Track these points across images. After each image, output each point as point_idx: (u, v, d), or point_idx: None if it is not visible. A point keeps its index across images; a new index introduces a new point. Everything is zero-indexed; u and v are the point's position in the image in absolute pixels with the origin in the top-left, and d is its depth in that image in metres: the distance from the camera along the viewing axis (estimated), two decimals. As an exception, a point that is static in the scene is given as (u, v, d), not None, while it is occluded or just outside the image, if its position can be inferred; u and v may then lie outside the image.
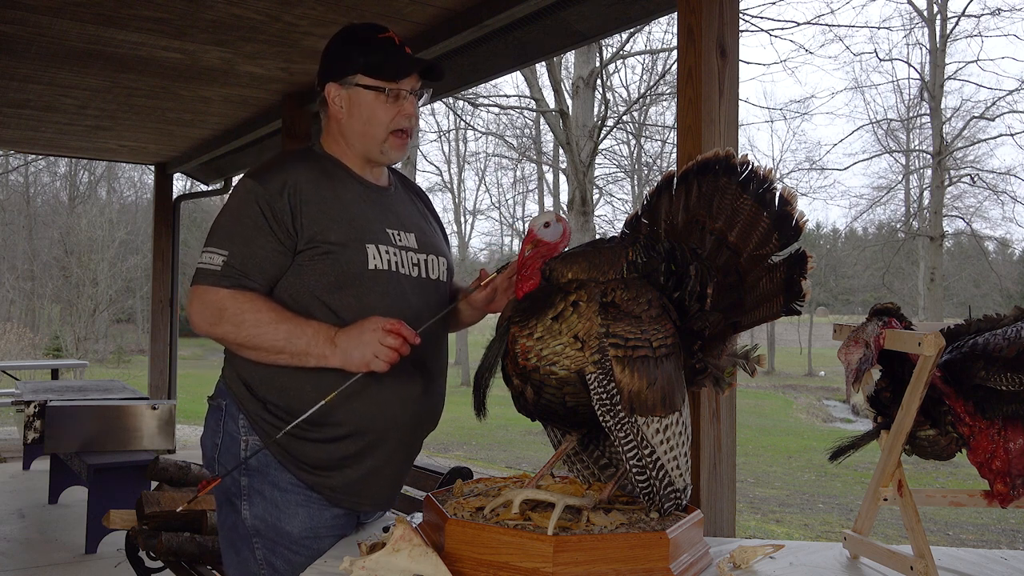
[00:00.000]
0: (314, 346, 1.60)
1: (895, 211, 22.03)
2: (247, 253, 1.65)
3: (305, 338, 1.61)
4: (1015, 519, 7.19)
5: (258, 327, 1.61)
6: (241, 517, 1.71)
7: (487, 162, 25.58)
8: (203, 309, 1.64)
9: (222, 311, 1.63)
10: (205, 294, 1.64)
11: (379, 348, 1.56)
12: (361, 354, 1.57)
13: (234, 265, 1.64)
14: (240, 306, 1.62)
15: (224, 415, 1.75)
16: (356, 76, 1.75)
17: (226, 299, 1.63)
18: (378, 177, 1.85)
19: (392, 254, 1.73)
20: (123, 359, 22.69)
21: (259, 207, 1.66)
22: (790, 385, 21.85)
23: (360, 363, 1.57)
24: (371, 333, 1.57)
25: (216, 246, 1.66)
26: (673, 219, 1.61)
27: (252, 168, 1.76)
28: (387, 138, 1.77)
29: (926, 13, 16.96)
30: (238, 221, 1.67)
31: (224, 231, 1.68)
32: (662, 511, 1.44)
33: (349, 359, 1.58)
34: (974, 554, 1.63)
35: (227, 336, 1.64)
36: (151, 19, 3.64)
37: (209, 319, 1.64)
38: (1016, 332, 1.41)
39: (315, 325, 1.63)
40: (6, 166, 22.48)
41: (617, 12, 3.27)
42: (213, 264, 1.64)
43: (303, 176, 1.71)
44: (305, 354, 1.61)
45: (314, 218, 1.68)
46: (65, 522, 5.15)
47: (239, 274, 1.64)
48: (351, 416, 1.69)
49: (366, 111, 1.75)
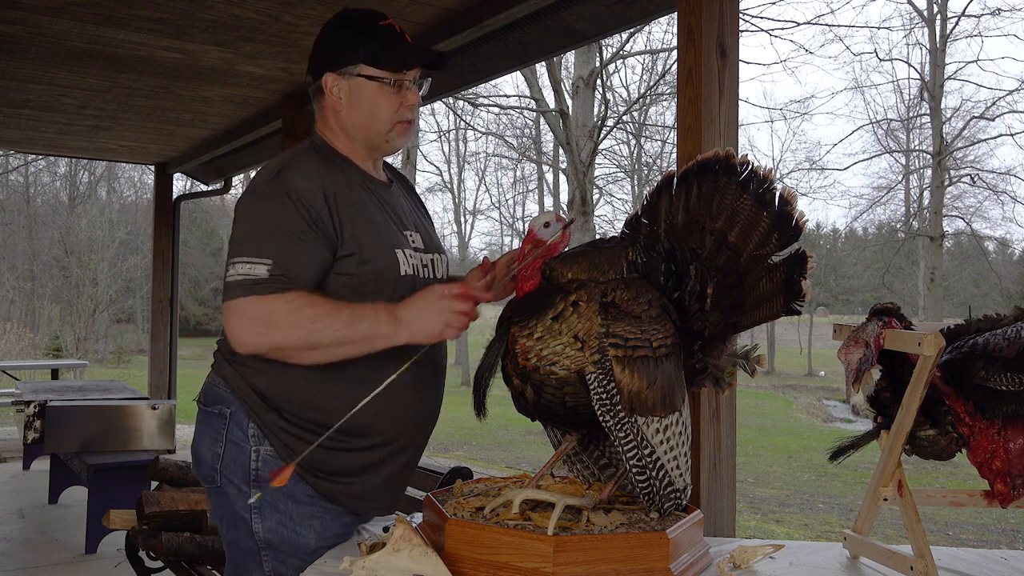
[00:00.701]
0: (378, 327, 1.50)
1: (895, 211, 22.05)
2: (291, 260, 1.52)
3: (367, 321, 1.50)
4: (1015, 519, 7.18)
5: (315, 322, 1.49)
6: (251, 531, 1.64)
7: (487, 162, 25.60)
8: (249, 322, 1.50)
9: (272, 316, 1.49)
10: (249, 306, 1.49)
11: (451, 316, 1.48)
12: (431, 324, 1.48)
13: (280, 273, 1.51)
14: (290, 306, 1.49)
15: (228, 423, 1.65)
16: (358, 66, 1.65)
17: (274, 303, 1.49)
18: (378, 171, 1.78)
19: (412, 257, 1.67)
20: (123, 359, 22.69)
21: (297, 209, 1.54)
22: (790, 385, 21.85)
23: (431, 334, 1.49)
24: (440, 301, 1.48)
25: (253, 255, 1.51)
26: (673, 219, 1.61)
27: (269, 168, 1.62)
28: (392, 128, 1.69)
29: (926, 13, 16.97)
30: (275, 225, 1.54)
31: (259, 238, 1.53)
32: (662, 511, 1.44)
33: (418, 332, 1.49)
34: (974, 554, 1.63)
35: (283, 343, 1.50)
36: (151, 19, 3.64)
37: (258, 331, 1.49)
38: (1016, 332, 1.41)
39: (372, 306, 1.52)
40: (6, 166, 22.48)
41: (617, 12, 3.27)
42: (255, 274, 1.50)
43: (328, 176, 1.61)
44: (371, 338, 1.51)
45: (348, 221, 1.59)
46: (65, 522, 5.15)
47: (286, 281, 1.51)
48: (383, 424, 1.64)
49: (368, 102, 1.66)
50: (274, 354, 1.53)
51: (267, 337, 1.50)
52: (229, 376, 1.67)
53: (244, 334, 1.51)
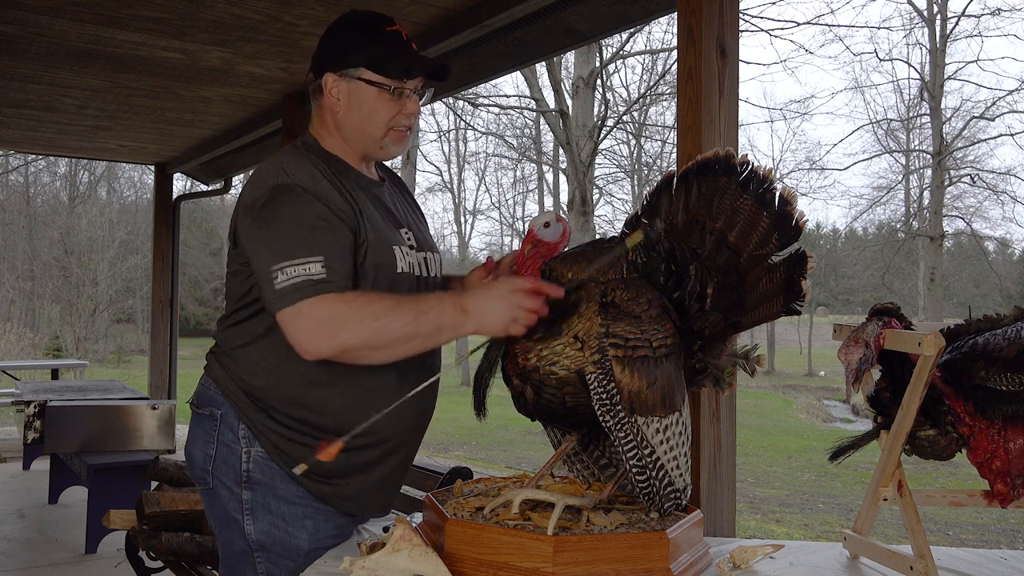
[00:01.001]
0: (445, 318, 1.47)
1: (895, 211, 22.06)
2: (338, 254, 1.51)
3: (432, 312, 1.48)
4: (1015, 519, 7.19)
5: (379, 319, 1.45)
6: (243, 532, 1.64)
7: (487, 162, 25.59)
8: (317, 326, 1.46)
9: (338, 317, 1.45)
10: (313, 308, 1.46)
11: (519, 312, 1.43)
12: (500, 317, 1.44)
13: (334, 267, 1.49)
14: (351, 304, 1.46)
15: (219, 424, 1.65)
16: (359, 70, 1.63)
17: (336, 303, 1.46)
18: (371, 172, 1.77)
19: (408, 255, 1.67)
20: (123, 359, 22.70)
21: (318, 201, 1.53)
22: (790, 385, 21.85)
23: (498, 327, 1.45)
24: (510, 296, 1.44)
25: (303, 256, 1.48)
26: (673, 219, 1.61)
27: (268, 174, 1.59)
28: (386, 134, 1.68)
29: (926, 13, 16.97)
30: (310, 224, 1.51)
31: (300, 239, 1.50)
32: (662, 511, 1.44)
33: (485, 324, 1.46)
34: (974, 554, 1.63)
35: (350, 343, 1.47)
36: (151, 19, 3.64)
37: (327, 333, 1.46)
38: (1016, 332, 1.41)
39: (435, 297, 1.51)
40: (6, 166, 22.48)
41: (617, 12, 3.27)
42: (313, 274, 1.47)
43: (330, 175, 1.61)
44: (438, 330, 1.48)
45: (358, 211, 1.59)
46: (65, 522, 5.15)
47: (341, 275, 1.50)
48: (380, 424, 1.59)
49: (366, 107, 1.64)
50: (342, 357, 1.50)
51: (335, 339, 1.47)
52: (220, 378, 1.67)
53: (311, 339, 1.47)
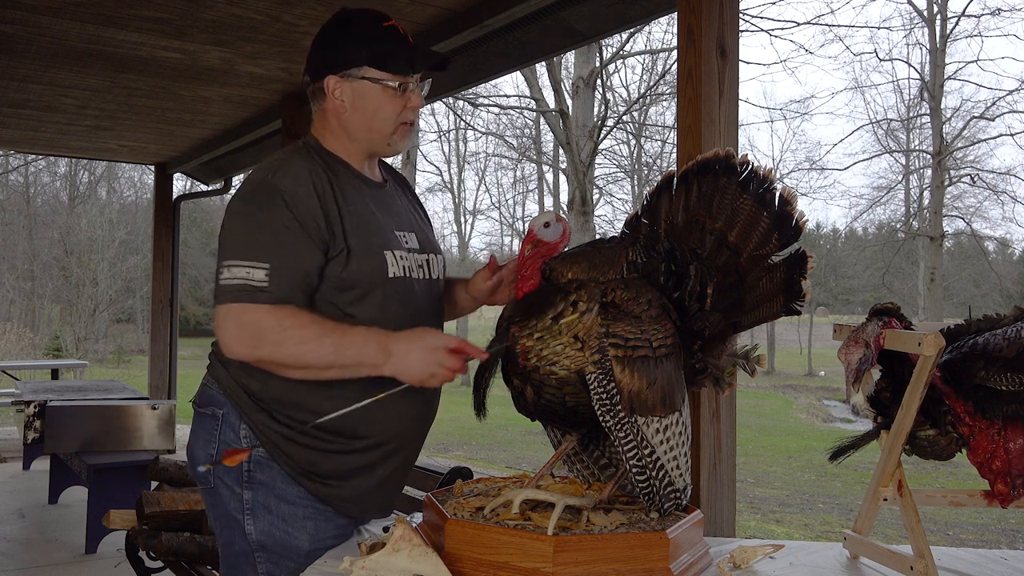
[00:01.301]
0: (366, 356, 1.49)
1: (895, 211, 22.05)
2: (289, 264, 1.51)
3: (355, 349, 1.49)
4: (1015, 519, 7.19)
5: (303, 344, 1.47)
6: (243, 532, 1.64)
7: (487, 162, 25.59)
8: (241, 331, 1.48)
9: (263, 330, 1.48)
10: (243, 314, 1.48)
11: (438, 369, 1.48)
12: (419, 370, 1.48)
13: (279, 279, 1.50)
14: (280, 323, 1.48)
15: (220, 424, 1.65)
16: (362, 69, 1.62)
17: (265, 317, 1.48)
18: (373, 173, 1.76)
19: (404, 258, 1.66)
20: (123, 359, 22.69)
21: (290, 212, 1.52)
22: (790, 385, 21.84)
23: (415, 378, 1.49)
24: (433, 352, 1.47)
25: (251, 259, 1.50)
26: (673, 219, 1.61)
27: (261, 169, 1.60)
28: (396, 130, 1.67)
29: (926, 13, 16.97)
30: (271, 229, 1.52)
31: (255, 241, 1.52)
32: (662, 511, 1.44)
33: (403, 372, 1.49)
34: (974, 554, 1.63)
35: (269, 357, 1.50)
36: (151, 19, 3.64)
37: (248, 342, 1.49)
38: (1016, 332, 1.41)
39: (363, 333, 1.51)
40: (6, 166, 22.48)
41: (617, 12, 3.27)
42: (253, 280, 1.48)
43: (320, 177, 1.60)
44: (357, 365, 1.50)
45: (339, 222, 1.58)
46: (65, 522, 5.15)
47: (283, 288, 1.50)
48: (373, 427, 1.64)
49: (372, 105, 1.63)
50: (259, 365, 1.54)
51: (255, 349, 1.50)
52: (222, 378, 1.67)
53: (233, 341, 1.50)
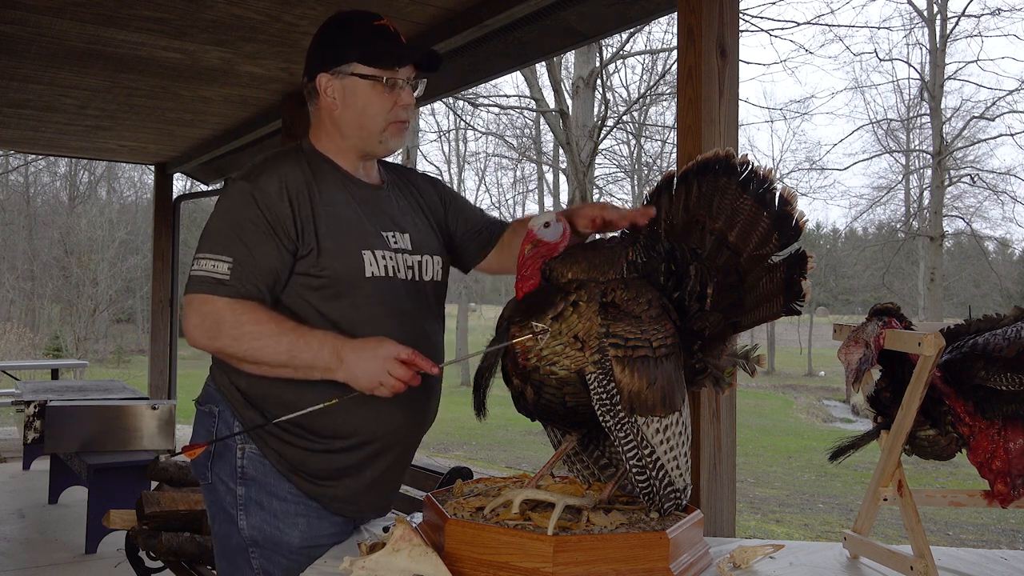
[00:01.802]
0: (319, 359, 1.52)
1: (895, 211, 22.05)
2: (252, 261, 1.56)
3: (310, 351, 1.52)
4: (1015, 519, 7.19)
5: (259, 340, 1.52)
6: (238, 527, 1.67)
7: (487, 162, 25.57)
8: (201, 321, 1.54)
9: (220, 323, 1.53)
10: (203, 304, 1.54)
11: (387, 378, 1.49)
12: (368, 380, 1.50)
13: (240, 274, 1.55)
14: (239, 318, 1.53)
15: (217, 421, 1.69)
16: (352, 65, 1.66)
17: (224, 310, 1.53)
18: (370, 174, 1.78)
19: (388, 258, 1.67)
20: (123, 359, 22.69)
21: (260, 210, 1.58)
22: (790, 385, 21.84)
23: (364, 386, 1.51)
24: (382, 361, 1.48)
25: (217, 252, 1.56)
26: (673, 219, 1.61)
27: (241, 171, 1.66)
28: (386, 127, 1.70)
29: (926, 13, 16.97)
30: (239, 226, 1.58)
31: (223, 236, 1.58)
32: (662, 511, 1.44)
33: (354, 379, 1.51)
34: (974, 554, 1.63)
35: (225, 350, 1.56)
36: (151, 19, 3.64)
37: (207, 332, 1.54)
38: (1016, 332, 1.41)
39: (320, 336, 1.54)
40: (6, 166, 22.49)
41: (617, 12, 3.27)
42: (216, 272, 1.54)
43: (297, 178, 1.63)
44: (310, 367, 1.53)
45: (311, 223, 1.61)
46: (65, 522, 5.15)
47: (245, 283, 1.55)
48: (354, 427, 1.65)
49: (362, 101, 1.67)
50: (218, 356, 1.59)
51: (212, 341, 1.55)
52: (217, 376, 1.72)
53: (194, 330, 1.56)
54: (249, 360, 1.56)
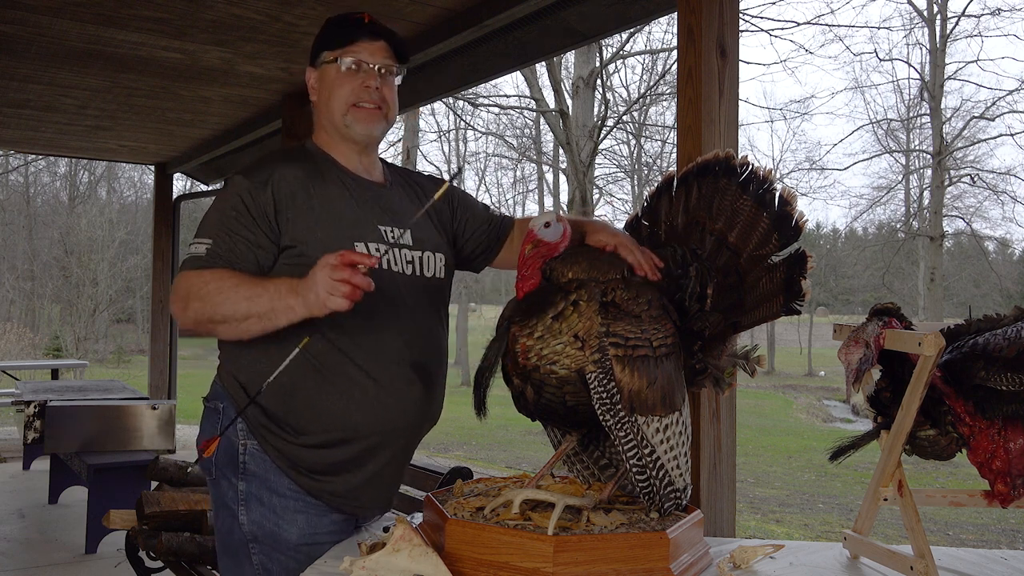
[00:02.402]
0: (278, 300, 1.50)
1: (895, 211, 22.05)
2: (229, 243, 1.62)
3: (267, 295, 1.51)
4: (1015, 519, 7.19)
5: (220, 294, 1.54)
6: (238, 523, 1.69)
7: (487, 162, 25.56)
8: (176, 296, 1.60)
9: (189, 290, 1.57)
10: (179, 281, 1.60)
11: (331, 284, 1.42)
12: (316, 295, 1.44)
13: (216, 252, 1.61)
14: (204, 279, 1.56)
15: (221, 418, 1.72)
16: (322, 54, 1.77)
17: (194, 278, 1.58)
18: (371, 171, 1.81)
19: (383, 251, 1.68)
20: (123, 359, 22.68)
21: (241, 199, 1.64)
22: (790, 385, 21.84)
23: (318, 305, 1.45)
24: (320, 271, 1.44)
25: (200, 236, 1.64)
26: (673, 220, 1.61)
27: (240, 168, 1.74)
28: (347, 111, 1.74)
29: (926, 13, 16.97)
30: (221, 213, 1.65)
31: (207, 224, 1.65)
32: (662, 511, 1.44)
33: (310, 305, 1.46)
34: (974, 554, 1.63)
35: (197, 315, 1.56)
36: (151, 19, 3.64)
37: (181, 303, 1.58)
38: (1016, 332, 1.41)
39: (275, 280, 1.54)
40: (6, 166, 22.49)
41: (617, 12, 3.27)
42: (195, 252, 1.62)
43: (290, 173, 1.68)
44: (272, 312, 1.51)
45: (300, 216, 1.64)
46: (65, 522, 5.15)
47: (218, 260, 1.60)
48: (354, 421, 1.66)
49: (327, 86, 1.76)
50: (197, 328, 1.61)
51: (187, 311, 1.58)
52: (223, 372, 1.75)
53: (172, 307, 1.62)
54: (217, 320, 1.56)
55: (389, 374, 1.67)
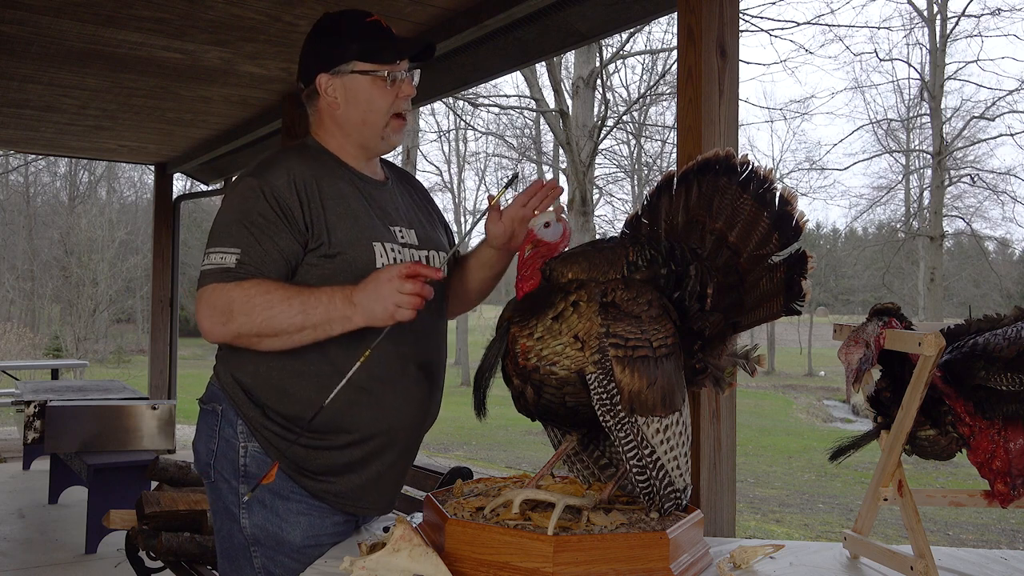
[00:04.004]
0: (334, 311, 1.51)
1: (895, 211, 22.07)
2: (261, 251, 1.57)
3: (322, 306, 1.51)
4: (1015, 519, 7.19)
5: (270, 308, 1.51)
6: (240, 526, 1.67)
7: (487, 162, 25.58)
8: (212, 311, 1.54)
9: (231, 304, 1.52)
10: (212, 294, 1.54)
11: (399, 297, 1.46)
12: (383, 307, 1.47)
13: (248, 262, 1.55)
14: (247, 292, 1.52)
15: (220, 420, 1.69)
16: (351, 63, 1.68)
17: (233, 291, 1.53)
18: (374, 171, 1.80)
19: (396, 251, 1.68)
20: (123, 359, 22.69)
21: (267, 202, 1.59)
22: (790, 385, 21.84)
23: (384, 316, 1.48)
24: (387, 284, 1.46)
25: (225, 245, 1.57)
26: (673, 219, 1.61)
27: (247, 168, 1.70)
28: (388, 123, 1.71)
29: (926, 13, 16.97)
30: (246, 218, 1.58)
31: (231, 230, 1.58)
32: (662, 511, 1.44)
33: (371, 315, 1.49)
34: (974, 554, 1.63)
35: (243, 330, 1.53)
36: (151, 19, 3.64)
37: (220, 319, 1.53)
38: (1016, 332, 1.41)
39: (327, 290, 1.53)
40: (6, 166, 22.49)
41: (617, 12, 3.27)
42: (225, 264, 1.55)
43: (306, 171, 1.65)
44: (327, 322, 1.52)
45: (320, 215, 1.62)
46: (65, 522, 5.15)
47: (252, 270, 1.55)
48: (360, 421, 1.65)
49: (364, 98, 1.69)
50: (238, 342, 1.57)
51: (228, 325, 1.54)
52: (221, 374, 1.72)
53: (206, 322, 1.55)
54: (267, 333, 1.53)
55: (396, 374, 1.67)
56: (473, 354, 20.31)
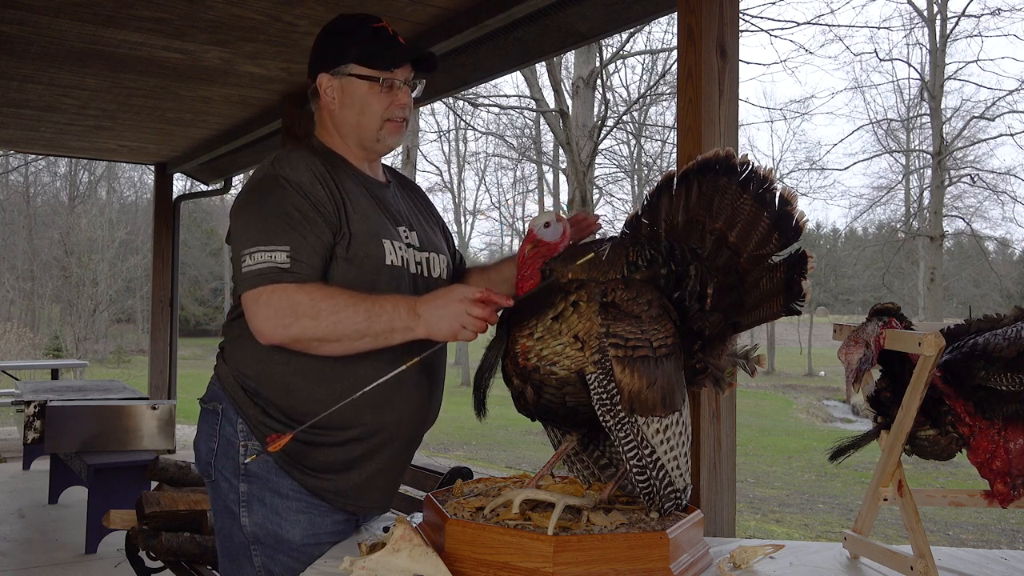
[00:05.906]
0: (397, 320, 1.52)
1: (895, 211, 22.08)
2: (307, 246, 1.57)
3: (386, 314, 1.52)
4: (1015, 519, 7.19)
5: (336, 313, 1.51)
6: (240, 524, 1.68)
7: (487, 162, 25.59)
8: (273, 312, 1.52)
9: (296, 307, 1.52)
10: (272, 295, 1.52)
11: (467, 319, 1.48)
12: (449, 325, 1.49)
13: (300, 259, 1.55)
14: (311, 295, 1.52)
15: (220, 418, 1.70)
16: (349, 66, 1.71)
17: (297, 293, 1.52)
18: (376, 172, 1.82)
19: (402, 250, 1.70)
20: (123, 359, 22.69)
21: (301, 197, 1.59)
22: (790, 385, 21.85)
23: (448, 334, 1.50)
24: (458, 304, 1.48)
25: (271, 243, 1.55)
26: (673, 219, 1.61)
27: (263, 164, 1.68)
28: (382, 126, 1.73)
29: (926, 13, 16.96)
30: (285, 214, 1.57)
31: (271, 226, 1.57)
32: (662, 511, 1.44)
33: (435, 330, 1.50)
34: (974, 554, 1.63)
35: (305, 333, 1.53)
36: (151, 19, 3.64)
37: (282, 321, 1.52)
38: (1016, 332, 1.41)
39: (392, 299, 1.54)
40: (6, 166, 22.49)
41: (617, 12, 3.27)
42: (277, 262, 1.54)
43: (319, 167, 1.67)
44: (390, 331, 1.53)
45: (343, 208, 1.64)
46: (65, 522, 5.15)
47: (305, 267, 1.56)
48: (362, 418, 1.66)
49: (359, 101, 1.71)
50: (295, 345, 1.56)
51: (291, 328, 1.53)
52: (222, 373, 1.73)
53: (267, 324, 1.53)
54: (330, 338, 1.53)
55: (404, 373, 1.66)
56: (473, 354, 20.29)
